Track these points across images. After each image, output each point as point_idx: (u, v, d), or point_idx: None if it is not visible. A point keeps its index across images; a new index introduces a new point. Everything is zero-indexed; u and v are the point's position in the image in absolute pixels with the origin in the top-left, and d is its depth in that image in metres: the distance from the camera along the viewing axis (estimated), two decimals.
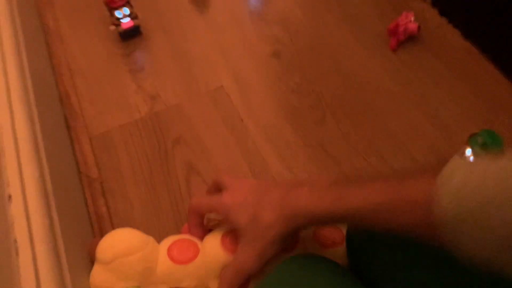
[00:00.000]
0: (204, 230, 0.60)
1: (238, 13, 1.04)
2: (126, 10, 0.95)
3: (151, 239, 0.59)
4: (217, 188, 0.59)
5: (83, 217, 0.76)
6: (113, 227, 0.75)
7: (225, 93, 0.91)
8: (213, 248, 0.56)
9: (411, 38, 0.94)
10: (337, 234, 0.60)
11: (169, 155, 0.82)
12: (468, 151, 0.71)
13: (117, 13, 0.95)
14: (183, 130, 0.86)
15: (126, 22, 0.97)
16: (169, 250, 0.57)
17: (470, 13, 0.96)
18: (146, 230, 0.74)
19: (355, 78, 0.91)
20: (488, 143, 0.68)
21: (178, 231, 0.73)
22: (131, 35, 0.99)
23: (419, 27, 0.92)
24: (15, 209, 0.57)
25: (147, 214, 0.76)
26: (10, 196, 0.58)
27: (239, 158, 0.82)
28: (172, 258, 0.56)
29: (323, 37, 0.98)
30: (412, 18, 0.93)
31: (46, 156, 0.70)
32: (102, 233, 0.73)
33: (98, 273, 0.57)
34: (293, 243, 0.57)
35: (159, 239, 0.59)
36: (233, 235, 0.55)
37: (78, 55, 0.99)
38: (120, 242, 0.57)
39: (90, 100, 0.92)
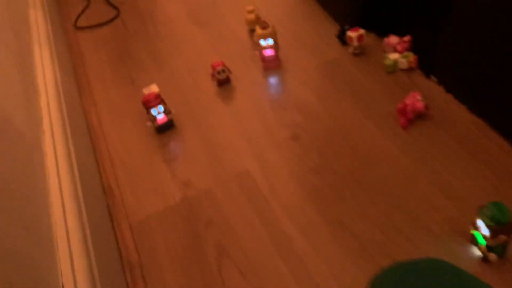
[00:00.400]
0: None
1: (259, 102, 1.16)
2: (161, 108, 1.08)
3: None
4: None
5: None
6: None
7: (250, 176, 0.99)
8: None
9: (420, 116, 1.02)
10: None
11: (202, 238, 0.90)
12: (479, 222, 0.75)
13: (153, 111, 1.08)
14: (214, 213, 0.94)
15: (161, 118, 1.09)
16: None
17: (474, 88, 1.03)
18: None
19: (370, 156, 0.98)
20: (496, 215, 0.72)
21: None
22: (166, 128, 1.12)
23: (426, 106, 1.00)
24: None
25: None
26: (63, 285, 0.66)
27: (265, 238, 0.88)
28: None
29: (337, 119, 1.07)
30: (419, 97, 1.01)
31: (93, 246, 0.79)
32: None
33: None
34: None
35: None
36: None
37: (120, 149, 1.12)
38: None
39: (130, 190, 1.02)
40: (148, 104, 1.07)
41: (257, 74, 1.23)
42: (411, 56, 1.12)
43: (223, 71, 1.17)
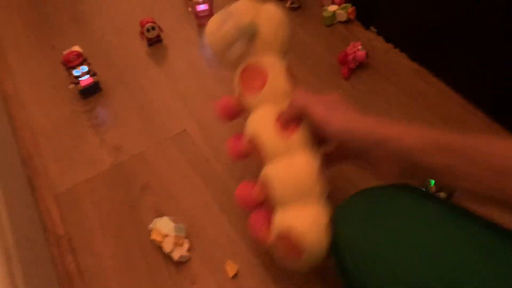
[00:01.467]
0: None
1: (194, 61, 1.08)
2: (84, 68, 0.98)
3: None
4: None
5: (51, 277, 0.73)
6: (84, 285, 0.73)
7: (188, 137, 0.92)
8: None
9: (361, 66, 0.99)
10: None
11: (136, 204, 0.82)
12: None
13: (75, 72, 0.97)
14: (149, 177, 0.86)
15: (85, 79, 0.98)
16: None
17: (414, 36, 1.01)
18: (119, 284, 0.72)
19: None
20: None
21: (152, 282, 0.72)
22: (91, 91, 1.01)
23: (367, 54, 0.97)
24: None
25: (119, 267, 0.74)
26: None
27: (208, 198, 0.81)
28: None
29: None
30: (360, 47, 0.98)
31: (10, 221, 0.69)
32: None
33: None
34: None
35: None
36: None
37: (40, 117, 1.00)
38: None
39: (54, 158, 0.91)
40: (69, 63, 0.96)
41: (191, 31, 1.15)
42: (349, 8, 1.09)
43: (153, 28, 1.08)
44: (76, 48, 0.99)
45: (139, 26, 1.09)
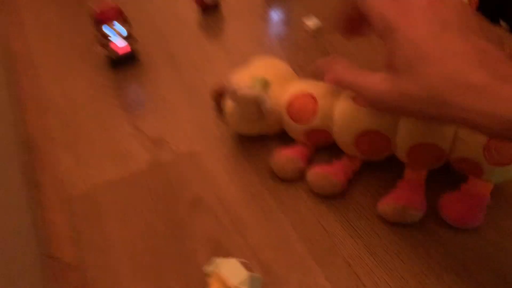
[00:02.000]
0: None
1: (260, 36, 0.82)
2: (122, 29, 0.72)
3: None
4: None
5: None
6: None
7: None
8: None
9: None
10: None
11: (184, 226, 0.56)
12: None
13: (108, 31, 0.71)
14: (203, 188, 0.60)
15: (121, 44, 0.73)
16: None
17: None
18: None
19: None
20: None
21: None
22: (126, 61, 0.75)
23: None
24: None
25: None
26: None
27: (289, 231, 0.56)
28: None
29: None
30: None
31: None
32: None
33: None
34: None
35: None
36: None
37: (54, 88, 0.74)
38: None
39: (68, 147, 0.66)
40: (103, 20, 0.70)
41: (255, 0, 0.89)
42: None
43: None
44: (111, 3, 0.73)
45: None
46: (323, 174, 0.57)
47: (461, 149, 0.52)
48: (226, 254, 0.53)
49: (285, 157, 0.59)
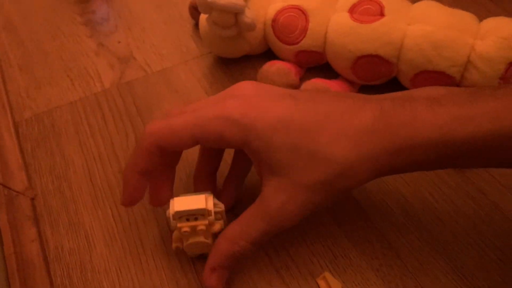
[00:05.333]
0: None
1: None
2: None
3: None
4: None
5: None
6: (50, 278, 0.40)
7: None
8: None
9: None
10: None
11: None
12: None
13: None
14: (174, 108, 0.52)
15: None
16: None
17: None
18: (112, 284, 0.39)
19: None
20: None
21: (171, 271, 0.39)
22: None
23: None
24: None
25: (115, 254, 0.41)
26: None
27: None
28: None
29: None
30: None
31: None
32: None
33: None
34: None
35: None
36: None
37: (9, 6, 0.65)
38: None
39: (21, 67, 0.57)
40: None
41: None
42: None
43: None
44: None
45: None
46: (323, 86, 0.48)
47: (474, 78, 0.44)
48: None
49: (276, 68, 0.50)
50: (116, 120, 0.51)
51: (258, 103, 0.32)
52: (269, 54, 0.54)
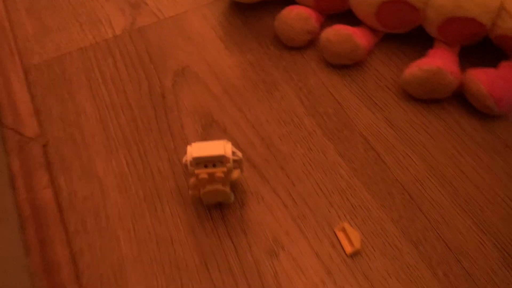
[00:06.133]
0: None
1: None
2: None
3: None
4: None
5: (10, 211, 0.40)
6: (64, 225, 0.39)
7: None
8: None
9: None
10: None
11: (167, 98, 0.47)
12: None
13: None
14: (190, 54, 0.50)
15: None
16: None
17: None
18: (128, 225, 0.39)
19: None
20: None
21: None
22: None
23: None
24: None
25: (129, 202, 0.41)
26: None
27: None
28: None
29: None
30: None
31: None
32: (39, 238, 0.38)
33: None
34: None
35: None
36: None
37: None
38: None
39: (28, 10, 0.55)
40: None
41: None
42: None
43: None
44: None
45: None
46: (346, 33, 0.46)
47: (508, 26, 0.41)
48: (218, 128, 0.44)
49: (295, 13, 0.48)
50: (128, 67, 0.49)
51: None
52: (290, 1, 0.51)
